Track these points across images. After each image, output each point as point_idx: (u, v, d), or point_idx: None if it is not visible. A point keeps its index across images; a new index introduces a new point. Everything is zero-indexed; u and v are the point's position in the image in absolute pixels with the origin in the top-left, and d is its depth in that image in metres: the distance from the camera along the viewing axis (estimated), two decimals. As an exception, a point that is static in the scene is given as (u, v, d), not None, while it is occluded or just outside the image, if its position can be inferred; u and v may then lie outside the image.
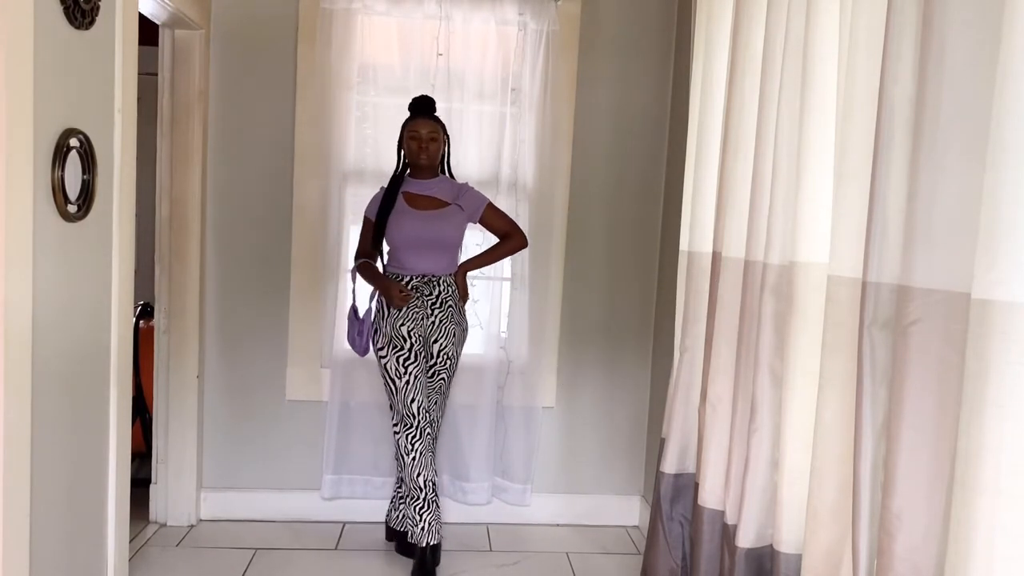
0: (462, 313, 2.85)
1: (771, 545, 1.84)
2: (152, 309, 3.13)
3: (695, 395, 2.34)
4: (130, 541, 2.37)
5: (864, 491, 1.41)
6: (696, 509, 2.18)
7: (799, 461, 1.73)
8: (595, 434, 3.28)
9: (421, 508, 2.73)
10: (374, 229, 2.79)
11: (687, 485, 2.39)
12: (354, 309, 2.83)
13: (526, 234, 2.91)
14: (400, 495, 2.91)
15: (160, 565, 2.76)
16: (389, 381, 2.74)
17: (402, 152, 2.81)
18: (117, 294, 2.13)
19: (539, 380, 3.16)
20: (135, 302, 2.54)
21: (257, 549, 2.91)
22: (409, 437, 2.72)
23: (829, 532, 1.61)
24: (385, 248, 2.82)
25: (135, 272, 2.27)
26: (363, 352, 2.81)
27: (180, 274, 2.96)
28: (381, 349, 2.75)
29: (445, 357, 2.80)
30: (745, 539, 1.90)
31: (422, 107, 2.76)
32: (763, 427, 1.86)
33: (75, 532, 2.01)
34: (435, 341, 2.77)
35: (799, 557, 1.73)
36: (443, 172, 2.85)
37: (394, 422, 2.76)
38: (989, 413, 1.15)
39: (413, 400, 2.71)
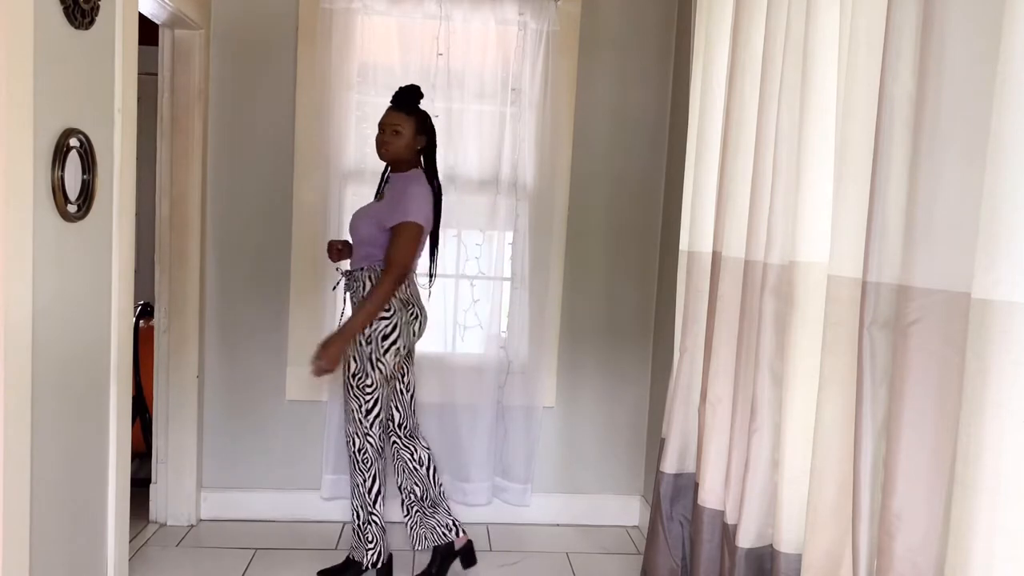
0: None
1: (771, 545, 1.84)
2: (152, 309, 3.13)
3: (695, 395, 2.34)
4: (130, 541, 2.37)
5: (864, 491, 1.41)
6: (696, 509, 2.18)
7: (799, 461, 1.73)
8: (595, 434, 3.28)
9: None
10: None
11: (687, 485, 2.39)
12: None
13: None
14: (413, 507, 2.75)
15: (160, 565, 2.76)
16: None
17: None
18: (117, 294, 2.13)
19: (539, 380, 3.16)
20: (135, 302, 2.54)
21: (257, 549, 2.91)
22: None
23: (829, 532, 1.61)
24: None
25: (135, 272, 2.28)
26: None
27: (180, 274, 2.96)
28: None
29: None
30: (745, 539, 1.90)
31: (394, 98, 2.60)
32: (763, 427, 1.86)
33: (75, 532, 2.02)
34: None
35: (799, 557, 1.73)
36: (431, 173, 2.66)
37: None
38: (989, 413, 1.15)
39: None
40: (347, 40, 2.96)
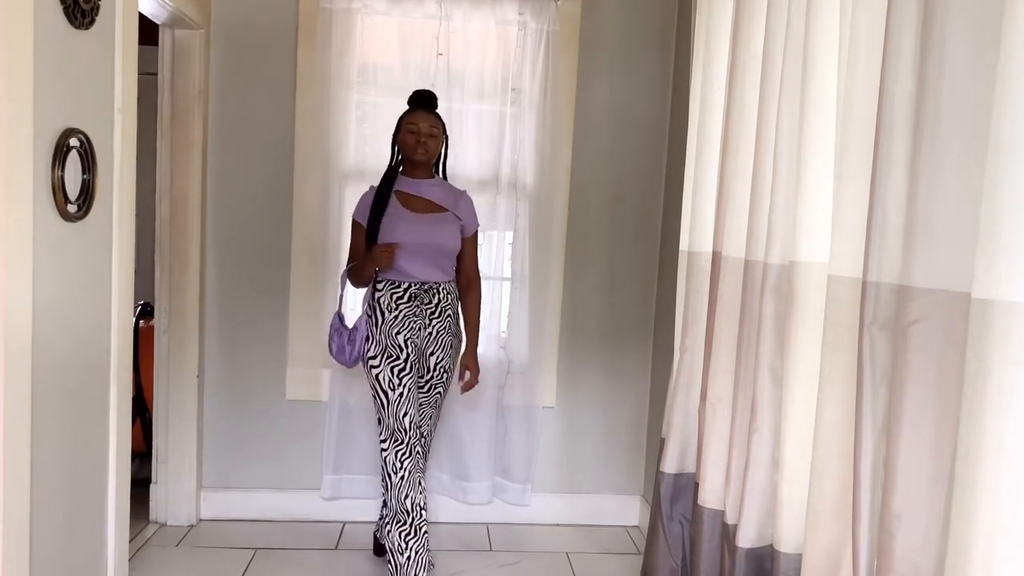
0: (458, 324, 2.72)
1: (771, 545, 1.84)
2: (152, 309, 3.13)
3: (695, 395, 2.34)
4: (130, 541, 2.37)
5: (864, 491, 1.41)
6: (696, 509, 2.18)
7: (799, 461, 1.73)
8: (595, 434, 3.28)
9: (408, 535, 2.48)
10: (366, 233, 2.58)
11: (687, 485, 2.39)
12: (340, 317, 2.64)
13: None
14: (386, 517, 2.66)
15: (160, 565, 2.76)
16: (380, 393, 2.53)
17: (396, 148, 2.65)
18: (117, 294, 2.13)
19: (539, 380, 3.16)
20: (135, 302, 2.54)
21: (257, 549, 2.91)
22: (399, 454, 2.51)
23: (829, 532, 1.61)
24: None
25: (135, 272, 2.27)
26: (352, 363, 2.59)
27: (180, 274, 2.96)
28: (374, 358, 2.55)
29: (442, 370, 2.66)
30: (745, 539, 1.90)
31: (423, 100, 2.60)
32: (763, 427, 1.86)
33: (75, 532, 2.01)
34: (432, 353, 2.61)
35: (799, 557, 1.73)
36: (438, 173, 2.71)
37: (382, 437, 2.55)
38: (989, 413, 1.15)
39: (406, 414, 2.50)
40: (347, 40, 2.96)
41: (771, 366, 1.84)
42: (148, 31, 2.61)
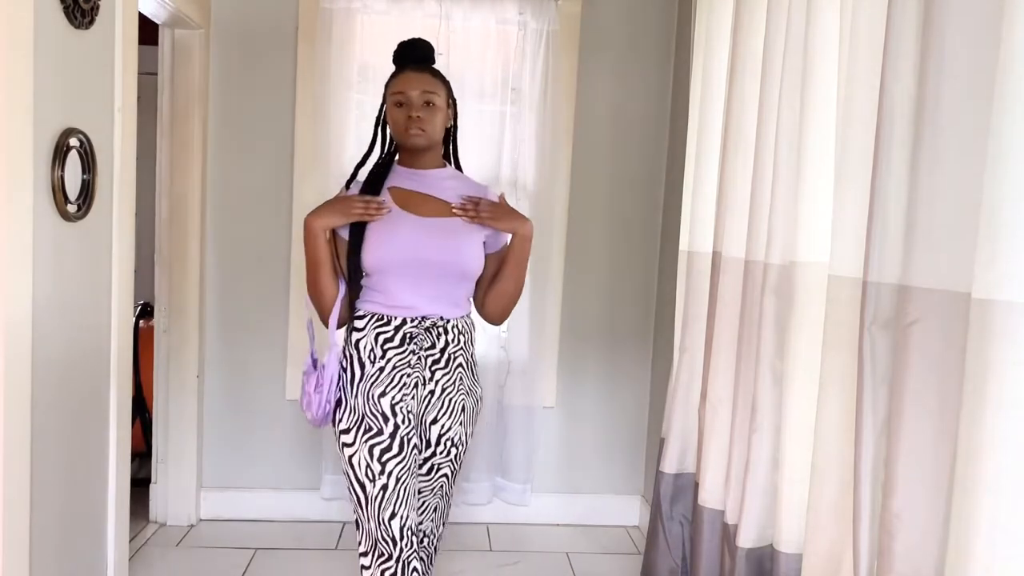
0: (474, 375, 1.92)
1: (771, 545, 1.84)
2: (152, 309, 3.13)
3: (695, 395, 2.34)
4: (130, 541, 2.37)
5: (864, 491, 1.41)
6: (696, 509, 2.18)
7: (799, 461, 1.73)
8: (595, 434, 3.28)
9: None
10: (349, 246, 1.79)
11: (687, 485, 2.39)
12: (313, 358, 1.90)
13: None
14: None
15: (160, 565, 2.76)
16: (355, 484, 1.74)
17: (384, 129, 1.90)
18: (117, 294, 2.13)
19: (539, 380, 3.16)
20: (135, 302, 2.54)
21: (257, 549, 2.91)
22: (385, 573, 1.74)
23: (830, 532, 1.61)
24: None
25: (135, 272, 2.28)
26: (322, 419, 1.80)
27: (180, 274, 2.96)
28: (346, 431, 1.77)
29: (450, 445, 1.87)
30: (745, 539, 1.90)
31: (413, 55, 1.82)
32: (763, 427, 1.86)
33: (75, 532, 2.01)
34: (434, 421, 1.84)
35: (800, 557, 1.73)
36: (450, 162, 2.02)
37: (362, 549, 1.80)
38: (989, 413, 1.15)
39: (394, 516, 1.72)
40: (347, 40, 2.95)
41: (771, 366, 1.84)
42: (148, 31, 2.61)
